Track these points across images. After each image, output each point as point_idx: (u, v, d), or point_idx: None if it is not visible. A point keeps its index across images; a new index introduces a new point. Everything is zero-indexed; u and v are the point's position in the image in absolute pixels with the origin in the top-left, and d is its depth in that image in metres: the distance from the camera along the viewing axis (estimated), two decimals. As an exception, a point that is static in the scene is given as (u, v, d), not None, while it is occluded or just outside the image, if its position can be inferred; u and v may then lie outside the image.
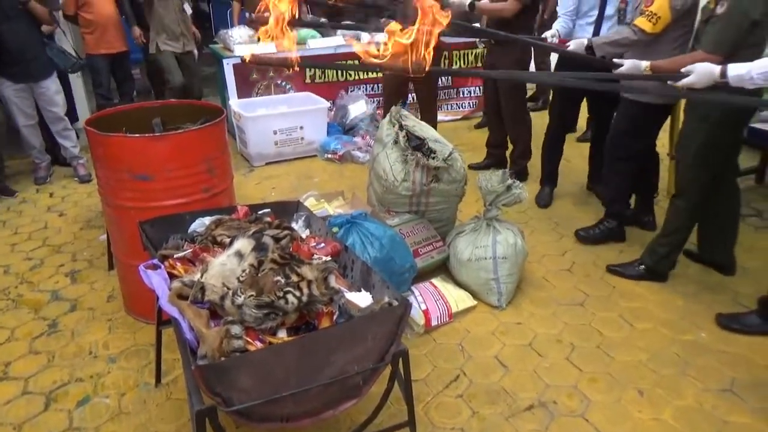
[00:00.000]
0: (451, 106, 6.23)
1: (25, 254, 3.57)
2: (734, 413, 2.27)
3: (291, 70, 1.86)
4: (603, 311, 2.91)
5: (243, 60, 1.79)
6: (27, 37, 4.21)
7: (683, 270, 3.23)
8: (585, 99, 4.03)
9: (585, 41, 3.26)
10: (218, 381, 1.47)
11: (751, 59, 2.23)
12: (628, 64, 2.74)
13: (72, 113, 5.35)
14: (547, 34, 3.75)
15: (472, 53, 6.06)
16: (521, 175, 4.44)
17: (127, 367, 2.56)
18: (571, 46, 3.33)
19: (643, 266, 3.13)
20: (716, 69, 2.29)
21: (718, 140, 2.78)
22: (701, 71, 2.31)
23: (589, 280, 3.18)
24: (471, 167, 4.50)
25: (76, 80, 5.48)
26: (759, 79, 2.18)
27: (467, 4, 4.05)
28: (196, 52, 5.81)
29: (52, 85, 4.42)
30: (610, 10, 3.61)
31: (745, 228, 3.55)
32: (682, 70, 2.40)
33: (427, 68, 1.67)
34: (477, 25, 4.69)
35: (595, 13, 3.68)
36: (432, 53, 1.70)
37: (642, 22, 2.97)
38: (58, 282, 3.25)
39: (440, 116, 5.83)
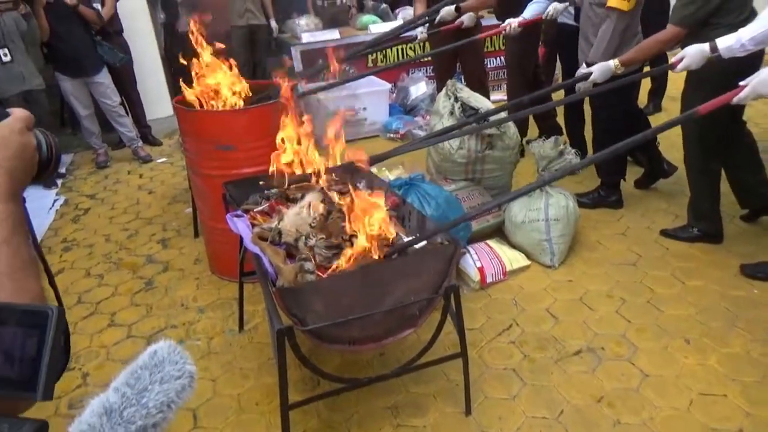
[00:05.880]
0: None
1: (122, 225, 4.02)
2: (782, 360, 2.32)
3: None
4: (655, 270, 3.00)
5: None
6: (79, 37, 4.76)
7: (740, 231, 3.26)
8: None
9: (611, 63, 2.88)
10: (294, 302, 1.74)
11: (735, 29, 2.26)
12: (597, 69, 2.77)
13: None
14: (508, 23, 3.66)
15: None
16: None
17: (214, 317, 2.90)
18: (595, 72, 2.88)
19: (696, 228, 3.18)
20: (705, 46, 2.32)
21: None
22: (692, 53, 2.36)
23: (642, 242, 3.27)
24: (529, 142, 4.59)
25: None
26: (750, 45, 2.21)
27: (453, 8, 3.98)
28: (273, 25, 6.17)
29: (104, 80, 4.97)
30: None
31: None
32: (674, 59, 2.44)
33: None
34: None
35: None
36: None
37: (617, 3, 2.90)
38: (152, 248, 3.65)
39: (497, 96, 5.91)
